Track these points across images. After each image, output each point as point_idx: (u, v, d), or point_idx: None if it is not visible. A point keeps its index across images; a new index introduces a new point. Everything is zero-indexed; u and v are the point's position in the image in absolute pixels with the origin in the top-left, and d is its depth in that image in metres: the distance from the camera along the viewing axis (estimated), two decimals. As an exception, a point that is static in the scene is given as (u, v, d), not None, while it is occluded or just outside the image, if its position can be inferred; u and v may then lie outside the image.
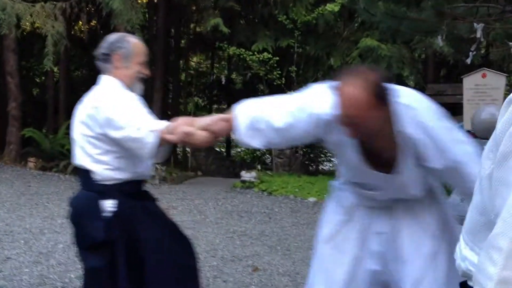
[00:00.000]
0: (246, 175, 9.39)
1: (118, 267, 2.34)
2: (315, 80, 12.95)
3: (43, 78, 17.80)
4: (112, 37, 2.53)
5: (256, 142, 2.19)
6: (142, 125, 2.24)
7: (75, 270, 4.28)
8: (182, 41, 15.82)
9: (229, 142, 16.62)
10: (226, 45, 11.75)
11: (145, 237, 2.41)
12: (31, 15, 8.89)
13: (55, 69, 14.27)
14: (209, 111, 16.49)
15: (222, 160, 15.04)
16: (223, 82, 16.48)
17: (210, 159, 13.99)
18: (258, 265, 4.66)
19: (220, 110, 17.85)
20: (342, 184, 2.38)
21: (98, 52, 2.50)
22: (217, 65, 18.43)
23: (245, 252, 5.06)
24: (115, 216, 2.34)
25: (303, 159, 11.46)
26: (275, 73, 11.27)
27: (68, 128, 11.09)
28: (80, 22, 14.91)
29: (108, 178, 2.37)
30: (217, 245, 5.29)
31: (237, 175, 9.91)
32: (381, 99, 1.86)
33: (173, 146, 14.37)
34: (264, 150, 12.25)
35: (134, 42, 2.53)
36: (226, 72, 17.63)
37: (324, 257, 2.33)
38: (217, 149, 16.21)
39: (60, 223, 5.96)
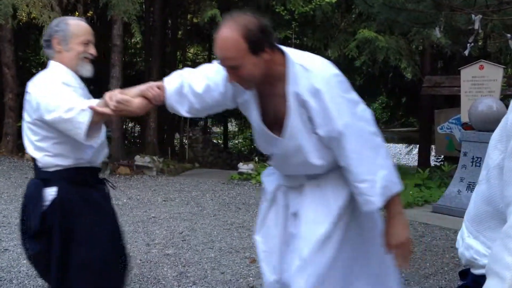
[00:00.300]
0: (244, 167, 9.40)
1: (52, 255, 2.34)
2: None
3: (39, 69, 17.73)
4: (53, 22, 2.52)
5: (183, 109, 2.24)
6: (73, 106, 2.21)
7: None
8: (179, 33, 15.76)
9: (226, 134, 16.59)
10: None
11: (79, 226, 2.40)
12: (27, 5, 8.81)
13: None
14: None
15: (219, 152, 15.05)
16: (220, 74, 16.44)
17: (208, 151, 13.99)
18: (255, 257, 4.67)
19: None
20: (270, 169, 2.40)
21: (43, 40, 2.53)
22: (214, 57, 18.38)
23: (243, 244, 5.07)
24: (54, 204, 2.35)
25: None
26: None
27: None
28: (77, 13, 14.82)
29: (49, 165, 2.37)
30: (215, 236, 5.30)
31: (235, 167, 9.91)
32: (255, 44, 1.85)
33: (170, 138, 14.22)
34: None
35: (72, 23, 2.50)
36: (223, 63, 17.59)
37: (259, 247, 2.33)
38: (215, 141, 16.20)
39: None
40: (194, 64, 17.91)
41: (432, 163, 12.76)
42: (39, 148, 2.35)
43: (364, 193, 1.95)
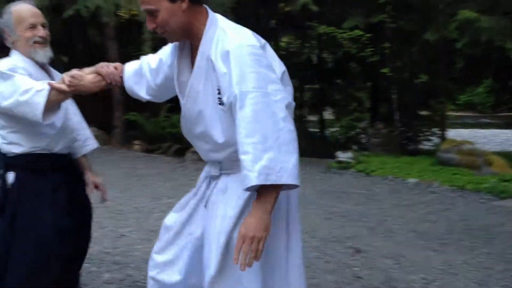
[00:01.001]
0: (342, 156, 9.31)
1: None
2: (410, 55, 12.51)
3: (142, 64, 18.59)
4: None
5: (142, 90, 2.24)
6: (28, 87, 2.22)
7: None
8: (272, 22, 15.81)
9: (323, 122, 16.48)
10: (316, 24, 11.59)
11: (21, 214, 2.42)
12: (130, 3, 9.24)
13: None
14: (301, 92, 16.41)
15: (316, 140, 14.97)
16: (314, 62, 16.32)
17: (304, 139, 13.97)
18: (359, 247, 4.63)
19: (312, 90, 17.76)
20: None
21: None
22: (308, 45, 18.23)
23: (346, 233, 5.05)
24: (11, 189, 2.43)
25: (400, 138, 11.15)
26: (367, 50, 10.97)
27: (167, 111, 11.57)
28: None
29: (7, 151, 2.46)
30: (317, 225, 5.32)
31: (332, 156, 9.84)
32: None
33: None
34: (360, 130, 12.01)
35: (14, 11, 2.48)
36: (317, 51, 17.41)
37: (166, 221, 2.29)
38: (311, 130, 16.15)
39: (166, 202, 6.24)
40: (288, 54, 17.92)
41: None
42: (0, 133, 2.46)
43: (244, 166, 1.76)
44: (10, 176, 2.47)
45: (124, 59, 2.46)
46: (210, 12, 2.00)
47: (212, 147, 2.03)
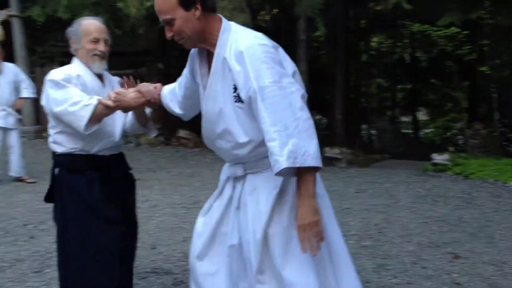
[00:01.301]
0: (438, 158, 8.92)
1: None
2: (510, 53, 11.78)
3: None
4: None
5: (175, 106, 2.48)
6: (78, 100, 2.52)
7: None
8: (362, 22, 15.55)
9: (416, 123, 15.96)
10: (408, 22, 11.23)
11: (56, 207, 2.79)
12: (222, 10, 9.45)
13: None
14: (393, 92, 16.01)
15: (409, 141, 14.54)
16: (407, 61, 15.84)
17: (397, 141, 13.61)
18: (458, 253, 4.40)
19: (404, 90, 17.25)
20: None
21: None
22: (400, 44, 17.75)
23: (443, 239, 4.82)
24: (56, 182, 2.78)
25: (501, 139, 10.52)
26: (464, 48, 10.46)
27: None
28: (263, 12, 15.54)
29: (53, 150, 2.79)
30: (412, 230, 5.12)
31: (427, 158, 9.46)
32: (184, 1, 2.02)
33: (357, 129, 14.09)
34: (457, 131, 11.51)
35: (83, 23, 2.77)
36: (409, 50, 16.90)
37: (196, 228, 2.42)
38: (404, 131, 15.70)
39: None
40: (379, 54, 17.55)
41: None
42: (49, 135, 2.79)
43: (272, 152, 1.91)
44: (56, 171, 2.81)
45: None
46: (224, 19, 2.15)
47: (234, 145, 2.16)
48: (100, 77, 2.85)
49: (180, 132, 11.55)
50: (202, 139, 2.35)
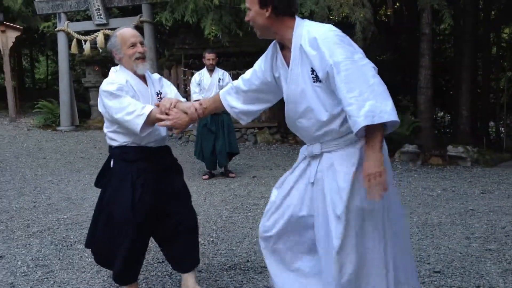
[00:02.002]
0: None
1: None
2: None
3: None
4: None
5: (238, 103, 2.83)
6: (133, 110, 2.97)
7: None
8: (492, 13, 14.58)
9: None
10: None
11: (108, 190, 3.24)
12: (340, 5, 9.38)
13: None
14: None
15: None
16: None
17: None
18: None
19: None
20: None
21: None
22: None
23: None
24: (106, 170, 3.29)
25: None
26: None
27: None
28: (384, 7, 15.17)
29: (109, 144, 3.28)
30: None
31: None
32: (261, 1, 2.44)
33: (484, 126, 13.25)
34: None
35: (118, 34, 3.19)
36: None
37: (272, 199, 2.74)
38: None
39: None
40: (510, 46, 16.33)
41: None
42: (105, 133, 3.26)
43: (351, 115, 2.19)
44: (111, 162, 3.27)
45: None
46: (297, 18, 2.50)
47: (314, 122, 2.45)
48: (143, 77, 3.26)
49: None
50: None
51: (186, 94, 11.43)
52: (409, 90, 16.30)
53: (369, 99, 2.17)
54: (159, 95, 3.31)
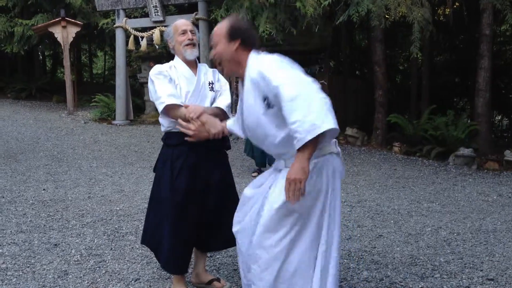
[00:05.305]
0: None
1: None
2: None
3: (405, 65, 18.39)
4: None
5: (239, 132, 3.02)
6: (158, 97, 3.23)
7: (444, 254, 4.33)
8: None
9: None
10: None
11: (156, 171, 3.48)
12: (398, 4, 9.19)
13: (419, 56, 14.50)
14: None
15: None
16: None
17: None
18: None
19: None
20: None
21: None
22: None
23: None
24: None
25: None
26: None
27: (431, 113, 11.20)
28: (443, 7, 14.76)
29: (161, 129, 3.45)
30: None
31: None
32: (230, 35, 2.67)
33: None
34: None
35: (172, 25, 3.42)
36: None
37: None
38: None
39: (426, 206, 6.10)
40: None
41: None
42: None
43: (294, 131, 2.36)
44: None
45: (390, 61, 2.61)
46: (253, 51, 2.70)
47: (275, 144, 2.64)
48: (194, 67, 3.42)
49: (348, 130, 11.53)
50: (371, 139, 2.59)
51: (237, 91, 11.50)
52: (466, 92, 15.84)
53: (310, 115, 2.33)
54: (211, 85, 3.43)
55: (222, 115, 3.36)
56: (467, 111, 16.17)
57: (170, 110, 3.23)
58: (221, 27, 2.73)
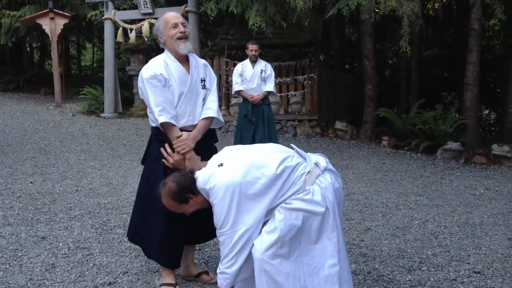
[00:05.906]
0: None
1: None
2: None
3: (395, 59, 18.45)
4: None
5: None
6: (151, 108, 3.20)
7: (431, 247, 4.36)
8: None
9: None
10: None
11: (148, 166, 3.44)
12: (389, -1, 9.19)
13: (408, 50, 14.54)
14: None
15: None
16: None
17: None
18: None
19: None
20: None
21: None
22: None
23: None
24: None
25: None
26: None
27: (419, 107, 11.26)
28: (433, 1, 14.82)
29: (150, 124, 3.38)
30: None
31: None
32: (179, 200, 2.86)
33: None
34: None
35: (161, 19, 3.31)
36: None
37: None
38: None
39: (414, 200, 6.13)
40: None
41: None
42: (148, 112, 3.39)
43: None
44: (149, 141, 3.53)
45: (380, 55, 2.58)
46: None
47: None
48: (186, 62, 3.33)
49: (337, 124, 11.56)
50: (360, 133, 2.61)
51: (228, 85, 11.49)
52: (455, 87, 15.94)
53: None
54: (203, 82, 3.39)
55: (210, 121, 3.43)
56: (455, 105, 16.28)
57: (164, 126, 3.22)
58: (167, 203, 2.89)
